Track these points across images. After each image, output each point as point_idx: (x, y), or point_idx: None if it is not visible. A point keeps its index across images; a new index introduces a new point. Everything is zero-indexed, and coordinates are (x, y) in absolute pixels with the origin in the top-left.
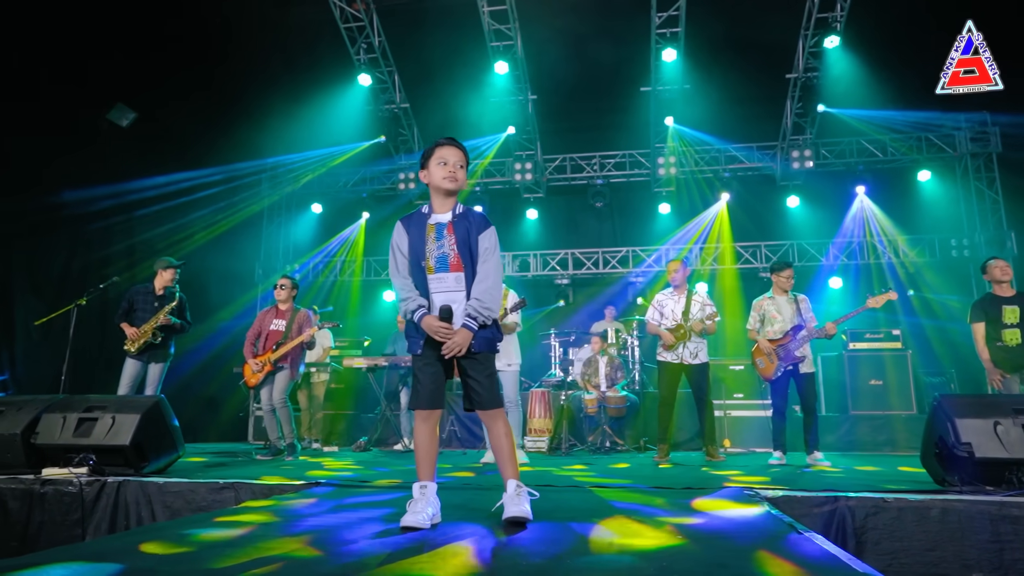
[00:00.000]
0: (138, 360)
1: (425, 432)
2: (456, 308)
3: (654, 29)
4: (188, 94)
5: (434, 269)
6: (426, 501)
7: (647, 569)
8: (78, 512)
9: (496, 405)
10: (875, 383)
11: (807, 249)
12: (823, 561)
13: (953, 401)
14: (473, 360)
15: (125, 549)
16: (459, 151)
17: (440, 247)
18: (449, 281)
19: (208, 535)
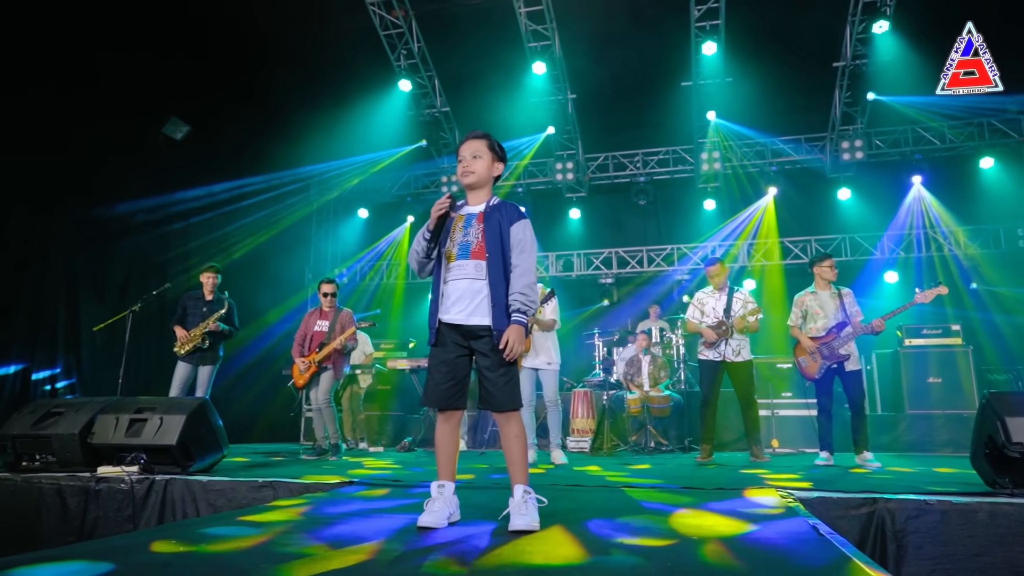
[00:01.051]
0: (188, 363)
1: (445, 431)
2: (475, 297)
3: (693, 22)
4: (236, 106)
5: (455, 256)
6: (443, 501)
7: (648, 569)
8: (130, 508)
9: (511, 407)
10: (933, 381)
11: (860, 243)
12: (831, 563)
13: (1004, 399)
14: (486, 356)
15: (135, 547)
16: (472, 143)
17: (464, 235)
18: (468, 268)
19: (224, 534)
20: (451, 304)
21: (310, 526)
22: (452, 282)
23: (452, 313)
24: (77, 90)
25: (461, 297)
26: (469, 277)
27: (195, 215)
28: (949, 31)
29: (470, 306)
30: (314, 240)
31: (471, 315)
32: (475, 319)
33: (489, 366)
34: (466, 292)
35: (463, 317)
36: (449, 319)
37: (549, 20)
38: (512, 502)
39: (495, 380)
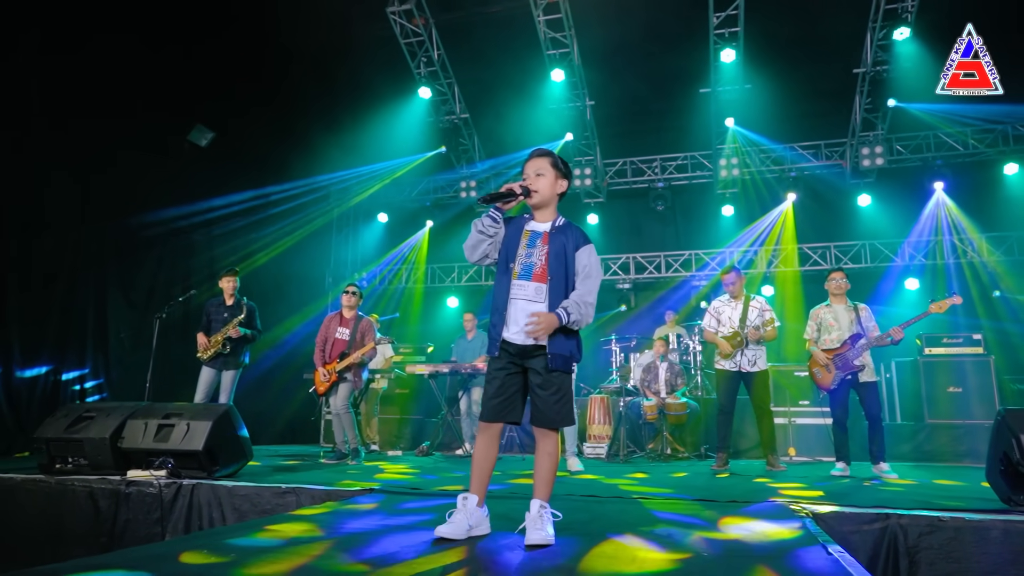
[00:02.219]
0: (212, 368)
1: (483, 443)
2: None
3: (712, 30)
4: (259, 113)
5: (518, 275)
6: (465, 513)
7: None
8: (158, 511)
9: (553, 426)
10: (954, 390)
11: (880, 249)
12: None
13: (1019, 416)
14: (546, 377)
15: (164, 556)
16: (536, 160)
17: (529, 255)
18: (529, 290)
19: (251, 545)
20: (511, 323)
21: (340, 542)
22: (514, 301)
23: (511, 332)
24: (104, 98)
25: (520, 318)
26: (529, 299)
27: (218, 222)
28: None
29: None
30: (334, 245)
31: (528, 336)
32: (531, 340)
33: (542, 384)
34: (525, 313)
35: (520, 338)
36: (508, 337)
37: (568, 27)
38: (528, 516)
39: (546, 398)
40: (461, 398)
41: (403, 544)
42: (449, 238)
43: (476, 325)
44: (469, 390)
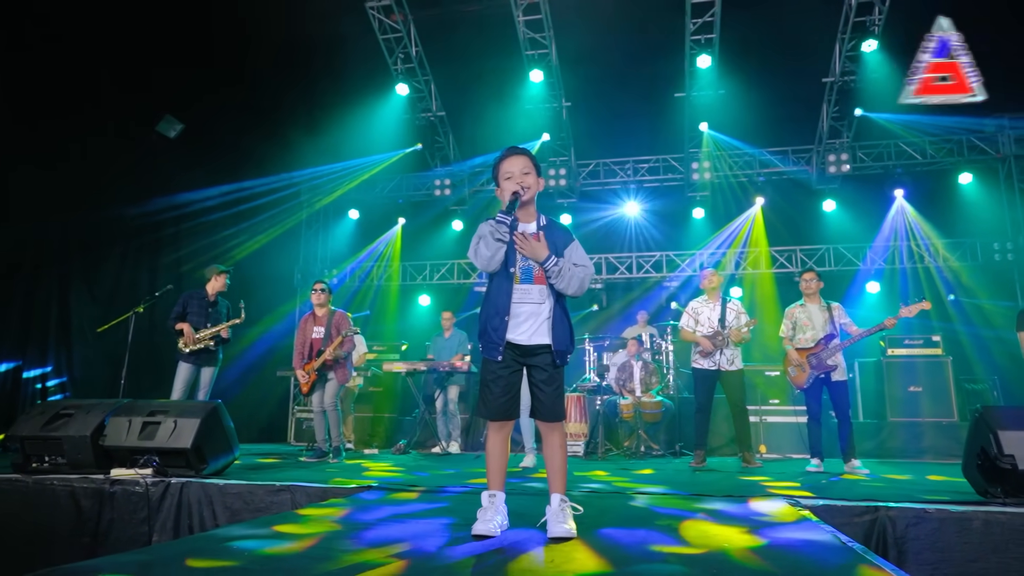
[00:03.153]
0: (192, 364)
1: (497, 442)
2: (537, 319)
3: (688, 36)
4: (230, 107)
5: (520, 280)
6: (495, 510)
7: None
8: (144, 511)
9: (557, 418)
10: (914, 390)
11: (843, 253)
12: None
13: (996, 412)
14: (551, 373)
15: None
16: (520, 158)
17: (525, 259)
18: (534, 293)
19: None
20: (517, 326)
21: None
22: (517, 304)
23: (516, 334)
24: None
25: (526, 319)
26: (534, 302)
27: (187, 217)
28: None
29: (533, 327)
30: (304, 242)
31: (533, 335)
32: (536, 339)
33: (546, 380)
34: (531, 315)
35: (526, 338)
36: (513, 339)
37: (547, 28)
38: (550, 510)
39: (549, 393)
40: (438, 397)
41: (437, 541)
42: (421, 236)
43: (454, 324)
44: (446, 388)
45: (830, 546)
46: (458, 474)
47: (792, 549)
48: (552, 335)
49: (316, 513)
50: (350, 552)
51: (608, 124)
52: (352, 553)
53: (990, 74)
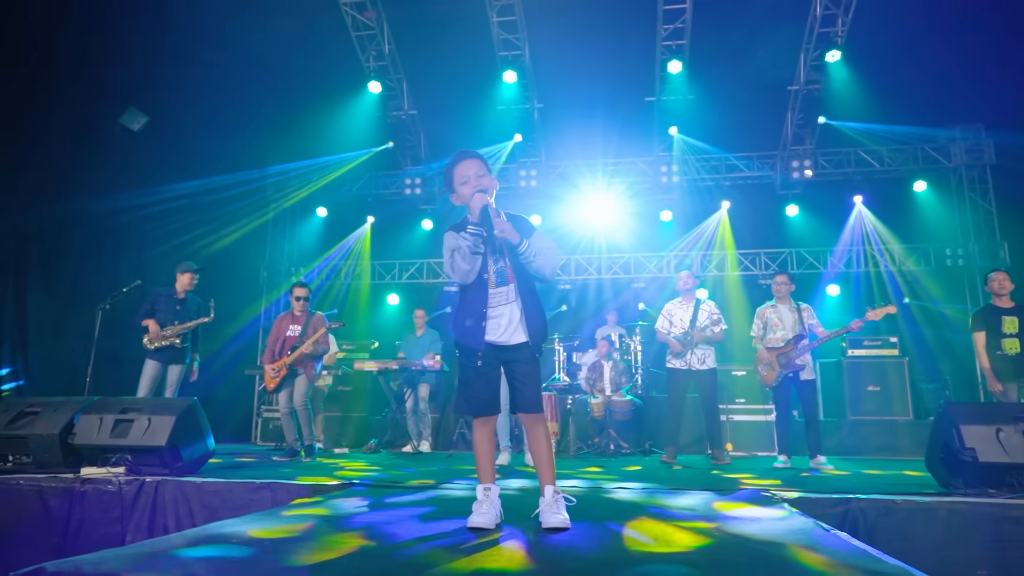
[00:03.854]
0: (158, 362)
1: (484, 437)
2: (513, 319)
3: (660, 41)
4: (196, 101)
5: (495, 284)
6: (490, 503)
7: (698, 560)
8: (117, 510)
9: (539, 409)
10: (873, 389)
11: (805, 257)
12: (852, 554)
13: (958, 408)
14: (519, 363)
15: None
16: (474, 161)
17: (497, 261)
18: (508, 294)
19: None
20: (494, 328)
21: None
22: (496, 307)
23: (494, 335)
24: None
25: (502, 320)
26: (509, 302)
27: (150, 213)
28: (894, 62)
29: (510, 327)
30: (271, 239)
31: (512, 335)
32: (515, 338)
33: (525, 374)
34: (507, 316)
35: (505, 339)
36: (492, 340)
37: (521, 29)
38: (543, 502)
39: (531, 385)
40: (408, 396)
41: (437, 534)
42: (390, 234)
43: (426, 322)
44: (416, 387)
45: (815, 533)
46: (437, 471)
47: (781, 535)
48: (528, 332)
49: (307, 512)
50: (339, 535)
51: (579, 126)
52: (339, 535)
53: (943, 87)
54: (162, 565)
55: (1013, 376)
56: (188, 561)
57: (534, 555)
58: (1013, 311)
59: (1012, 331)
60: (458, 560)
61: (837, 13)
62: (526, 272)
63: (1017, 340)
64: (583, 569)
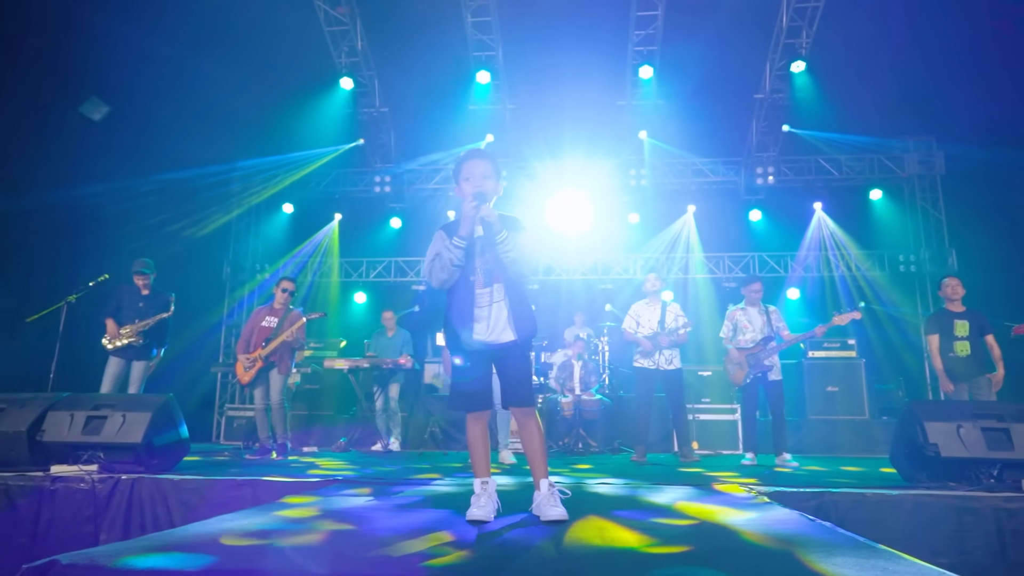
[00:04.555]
0: (121, 358)
1: (478, 432)
2: (500, 318)
3: (632, 47)
4: (161, 91)
5: (482, 283)
6: (488, 496)
7: (705, 548)
8: (90, 509)
9: (530, 403)
10: (831, 389)
11: (767, 261)
12: (842, 540)
13: (922, 406)
14: (509, 357)
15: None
16: (482, 163)
17: (486, 261)
18: (495, 294)
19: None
20: (483, 327)
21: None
22: (483, 307)
23: (484, 335)
24: None
25: (490, 320)
26: (496, 301)
27: (110, 205)
28: (857, 73)
29: (498, 326)
30: (235, 235)
31: (501, 334)
32: (504, 337)
33: (515, 370)
34: (494, 315)
35: (495, 338)
36: (482, 340)
37: (496, 30)
38: (539, 495)
39: (522, 380)
40: (378, 395)
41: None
42: (358, 232)
43: (396, 323)
44: (387, 387)
45: (803, 523)
46: (406, 468)
47: (772, 526)
48: (516, 330)
49: (303, 504)
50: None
51: (549, 128)
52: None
53: (898, 100)
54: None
55: (964, 376)
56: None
57: (544, 547)
58: (964, 315)
59: (963, 334)
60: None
61: (802, 25)
62: (513, 272)
63: (968, 343)
64: (592, 556)
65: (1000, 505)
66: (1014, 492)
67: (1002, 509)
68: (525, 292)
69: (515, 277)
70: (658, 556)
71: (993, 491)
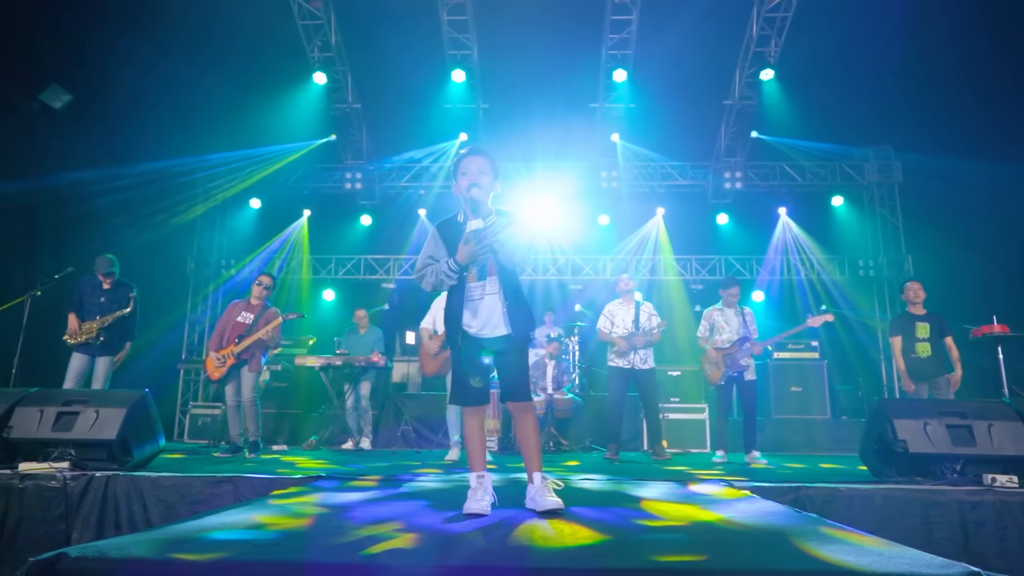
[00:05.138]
0: (84, 354)
1: (475, 426)
2: (494, 312)
3: (606, 50)
4: (126, 81)
5: (476, 277)
6: (484, 490)
7: (704, 537)
8: (61, 507)
9: (527, 397)
10: (796, 389)
11: (733, 264)
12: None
13: (892, 404)
14: (504, 354)
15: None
16: (478, 159)
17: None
18: (487, 287)
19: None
20: (476, 320)
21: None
22: (476, 301)
23: (476, 328)
24: None
25: (486, 314)
26: (490, 294)
27: (69, 198)
28: (821, 82)
29: (492, 319)
30: (199, 229)
31: (495, 328)
32: (498, 331)
33: (511, 364)
34: (489, 308)
35: (488, 331)
36: (476, 334)
37: (472, 29)
38: (533, 488)
39: (517, 375)
40: (349, 392)
41: (433, 519)
42: (327, 229)
43: (368, 321)
44: (358, 384)
45: (789, 514)
46: (384, 467)
47: (762, 517)
48: (511, 325)
49: (292, 501)
50: (356, 527)
51: (521, 128)
52: (359, 528)
53: (860, 109)
54: (189, 546)
55: (924, 376)
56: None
57: (551, 536)
58: (925, 318)
59: (924, 336)
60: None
61: (771, 34)
62: (508, 266)
63: (928, 344)
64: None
65: (964, 498)
66: (976, 486)
67: (965, 502)
68: (519, 287)
69: (508, 271)
70: (659, 543)
71: (957, 485)
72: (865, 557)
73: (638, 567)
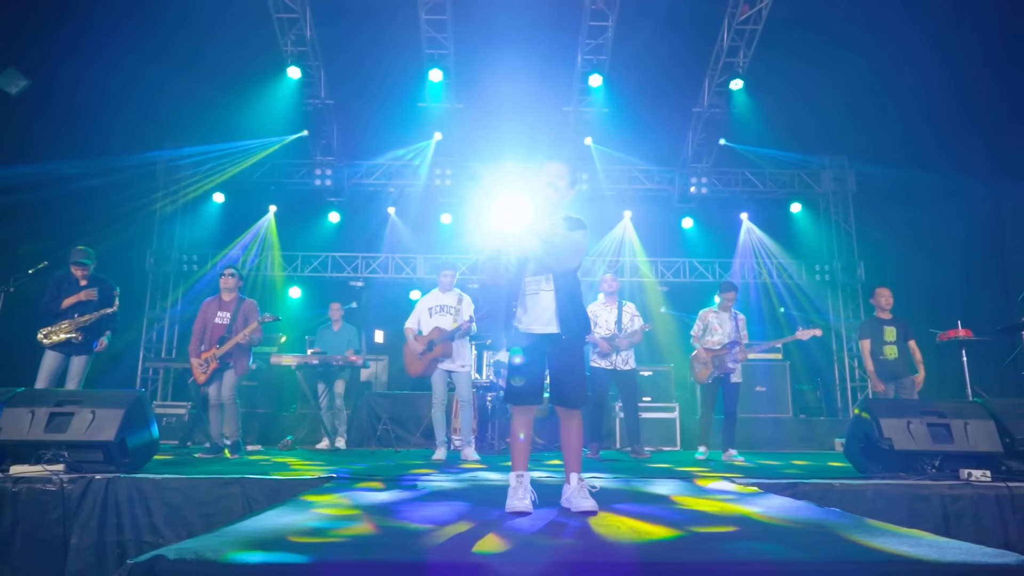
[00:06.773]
0: (59, 352)
1: (523, 426)
2: (547, 308)
3: (582, 55)
4: (88, 68)
5: (532, 272)
6: (524, 489)
7: (756, 531)
8: (58, 511)
9: (575, 405)
10: (760, 389)
11: (696, 266)
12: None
13: (878, 403)
14: (555, 355)
15: None
16: (559, 166)
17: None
18: (542, 282)
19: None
20: (527, 315)
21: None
22: (532, 295)
23: (533, 324)
24: None
25: (539, 309)
26: (544, 290)
27: (20, 190)
28: (786, 93)
29: (543, 316)
30: (159, 222)
31: (547, 324)
32: (550, 328)
33: (563, 366)
34: (542, 304)
35: (540, 327)
36: (532, 329)
37: (449, 29)
38: (569, 488)
39: (566, 378)
40: (323, 392)
41: (485, 516)
42: (293, 225)
43: (342, 316)
44: (332, 384)
45: (815, 508)
46: (373, 467)
47: (791, 512)
48: (559, 323)
49: (325, 499)
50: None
51: (493, 130)
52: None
53: (817, 119)
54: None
55: (891, 377)
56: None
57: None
58: (891, 322)
59: (891, 339)
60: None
61: (740, 45)
62: (556, 266)
63: (895, 347)
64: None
65: (945, 492)
66: (955, 480)
67: (947, 495)
68: (575, 287)
69: (565, 272)
70: (728, 536)
71: (938, 479)
72: (921, 548)
73: (737, 560)
